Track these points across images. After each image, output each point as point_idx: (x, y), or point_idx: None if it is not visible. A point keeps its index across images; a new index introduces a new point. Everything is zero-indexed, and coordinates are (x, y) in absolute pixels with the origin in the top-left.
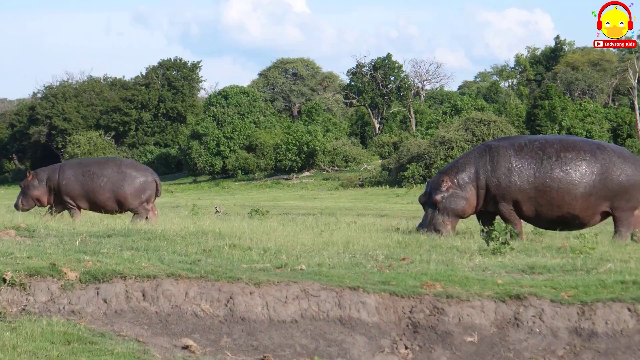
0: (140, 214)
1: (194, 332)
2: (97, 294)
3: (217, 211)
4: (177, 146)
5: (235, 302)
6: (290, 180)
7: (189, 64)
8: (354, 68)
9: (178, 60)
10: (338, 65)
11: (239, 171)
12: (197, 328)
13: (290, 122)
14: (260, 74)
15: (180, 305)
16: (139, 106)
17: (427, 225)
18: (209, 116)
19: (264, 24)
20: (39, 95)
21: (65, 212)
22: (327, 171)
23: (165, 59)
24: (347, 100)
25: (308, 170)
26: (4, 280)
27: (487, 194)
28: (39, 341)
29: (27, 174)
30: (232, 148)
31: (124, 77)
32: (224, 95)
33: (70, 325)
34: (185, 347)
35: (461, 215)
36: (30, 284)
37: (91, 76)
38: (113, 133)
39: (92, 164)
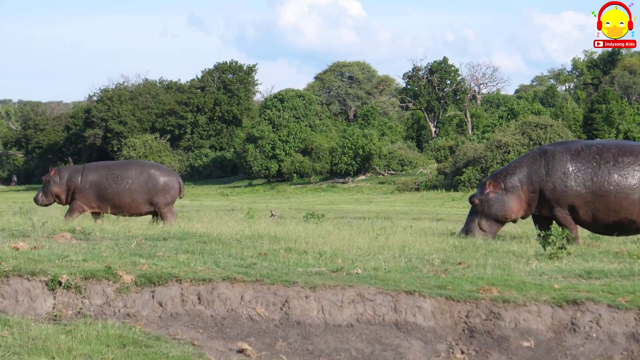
0: (167, 216)
1: (249, 336)
2: (153, 297)
3: (272, 215)
4: (232, 149)
5: (291, 305)
6: (345, 183)
7: (244, 67)
8: (410, 71)
9: (234, 64)
10: (394, 68)
11: (295, 175)
12: (253, 332)
13: (346, 125)
14: (316, 77)
15: (235, 308)
16: (195, 109)
17: (464, 227)
18: (265, 119)
19: (320, 27)
20: (95, 98)
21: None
22: (382, 175)
23: (221, 62)
24: (403, 104)
25: (364, 174)
26: (60, 283)
27: (542, 199)
28: (94, 344)
29: (50, 169)
30: (287, 151)
31: (179, 80)
32: (280, 98)
33: (125, 329)
34: (241, 351)
35: (501, 220)
36: (86, 287)
37: (147, 79)
38: (169, 136)
39: (115, 167)
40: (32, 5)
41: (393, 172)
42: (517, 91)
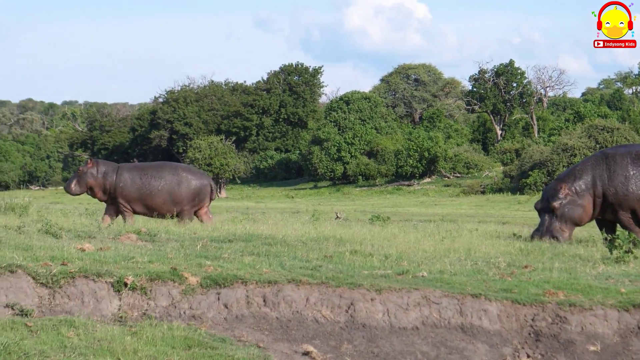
0: (184, 217)
1: (315, 338)
2: (218, 299)
3: (337, 217)
4: (297, 151)
5: (356, 308)
6: (411, 186)
7: (310, 69)
8: (476, 74)
9: (300, 65)
10: (460, 71)
11: (360, 177)
12: (318, 334)
13: (412, 128)
14: (381, 80)
15: (301, 311)
16: (260, 111)
17: (544, 232)
18: (330, 121)
19: (386, 29)
20: (161, 100)
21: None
22: (448, 177)
23: (287, 64)
24: (469, 107)
25: (429, 177)
26: (125, 285)
27: (605, 203)
28: (159, 346)
29: (89, 161)
30: (353, 154)
31: (245, 82)
32: (346, 100)
33: (190, 330)
34: (306, 353)
35: (578, 223)
36: (151, 289)
37: (212, 81)
38: (234, 138)
39: (149, 168)
40: (99, 8)
41: (459, 175)
42: (583, 94)
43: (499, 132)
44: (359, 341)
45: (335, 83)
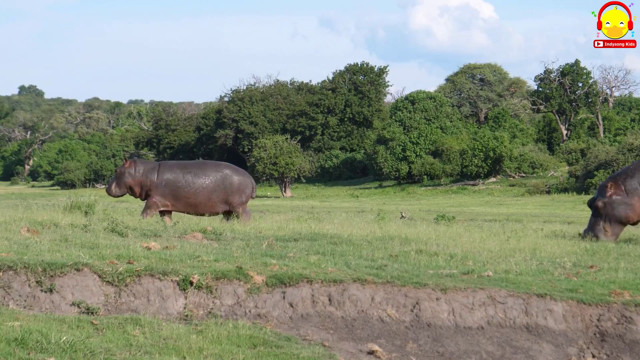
0: (242, 215)
1: (380, 338)
2: (283, 297)
3: (402, 216)
4: (362, 151)
5: (422, 307)
6: (476, 186)
7: (375, 69)
8: (541, 74)
9: (365, 65)
10: (525, 70)
11: (425, 176)
12: (383, 333)
13: (477, 127)
14: (447, 79)
15: (366, 310)
16: (326, 110)
17: (588, 229)
18: (396, 121)
19: (451, 29)
20: (226, 99)
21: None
22: (513, 177)
23: (352, 63)
24: (534, 107)
25: (494, 176)
26: (191, 283)
27: None
28: (225, 344)
29: (125, 161)
30: (418, 153)
31: (310, 81)
32: (411, 100)
33: (256, 329)
34: (371, 352)
35: (624, 222)
36: (217, 287)
37: (278, 80)
38: (299, 137)
39: (190, 166)
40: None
41: (524, 175)
42: None
43: (565, 132)
44: (424, 340)
45: (401, 82)
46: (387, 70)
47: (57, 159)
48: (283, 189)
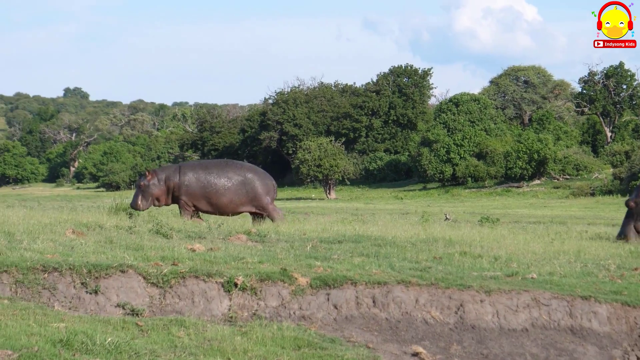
0: (272, 214)
1: (424, 340)
2: (328, 299)
3: (446, 218)
4: (407, 153)
5: (466, 309)
6: (520, 188)
7: (419, 71)
8: (585, 76)
9: (409, 67)
10: (570, 73)
11: (469, 178)
12: (427, 335)
13: (521, 129)
14: (491, 81)
15: (410, 312)
16: (370, 113)
17: (620, 230)
18: (440, 123)
19: (495, 31)
20: (270, 101)
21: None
22: (557, 179)
23: (396, 65)
24: (578, 109)
25: (538, 179)
26: (236, 285)
27: None
28: (269, 346)
29: (147, 173)
30: (462, 155)
31: (354, 83)
32: (455, 102)
33: (300, 331)
34: (415, 354)
35: None
36: (261, 289)
37: (322, 82)
38: (343, 139)
39: (213, 166)
40: (211, 11)
41: (568, 177)
42: None
43: (609, 134)
44: (468, 342)
45: (445, 84)
46: (431, 72)
47: (102, 160)
48: (327, 191)
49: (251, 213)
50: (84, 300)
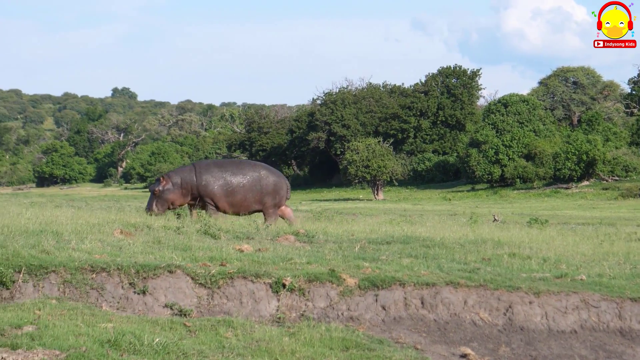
0: (271, 215)
1: (472, 341)
2: (376, 300)
3: (495, 219)
4: (455, 154)
5: (515, 311)
6: (569, 189)
7: (468, 72)
8: (635, 77)
9: (458, 68)
10: (619, 74)
11: (518, 180)
12: (476, 337)
13: (570, 131)
14: (540, 82)
15: (458, 313)
16: (418, 113)
17: None
18: (488, 124)
19: (544, 32)
20: (319, 102)
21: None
22: (606, 181)
23: (445, 66)
24: (628, 110)
25: (587, 180)
26: (284, 286)
27: None
28: (317, 347)
29: (162, 179)
30: (510, 156)
31: (403, 84)
32: (504, 103)
33: (348, 332)
34: (464, 356)
35: None
36: (310, 290)
37: (370, 83)
38: (392, 140)
39: (228, 165)
40: (259, 11)
41: (617, 178)
42: None
43: None
44: (516, 344)
45: (493, 85)
46: (479, 73)
47: (150, 161)
48: (375, 192)
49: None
50: (131, 301)
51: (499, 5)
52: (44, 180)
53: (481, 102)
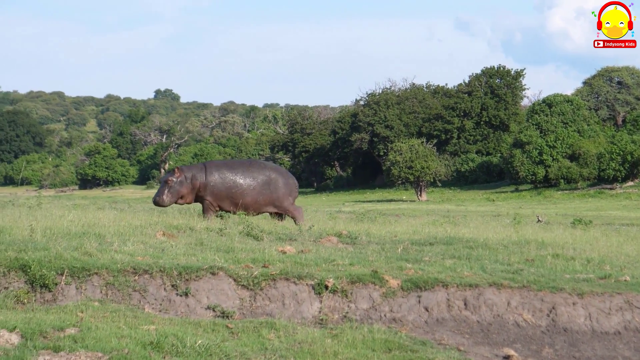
0: (295, 214)
1: (515, 342)
2: (419, 302)
3: (539, 220)
4: (499, 154)
5: (558, 312)
6: (613, 190)
7: (512, 72)
8: None
9: (501, 68)
10: None
11: (562, 180)
12: (519, 338)
13: (615, 131)
14: (584, 82)
15: (502, 314)
16: (462, 114)
17: None
18: (532, 124)
19: (588, 31)
20: (362, 102)
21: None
22: None
23: (489, 66)
24: None
25: (632, 180)
26: (326, 287)
27: None
28: (359, 348)
29: (175, 170)
30: (554, 157)
31: (446, 84)
32: (548, 103)
33: (391, 333)
34: (507, 357)
35: None
36: (352, 291)
37: (414, 83)
38: (435, 141)
39: (237, 166)
40: (301, 12)
41: None
42: None
43: None
44: (560, 345)
45: (537, 86)
46: (523, 73)
47: (193, 162)
48: (419, 193)
49: (272, 213)
50: (174, 303)
51: (543, 5)
52: (86, 182)
53: (525, 102)
